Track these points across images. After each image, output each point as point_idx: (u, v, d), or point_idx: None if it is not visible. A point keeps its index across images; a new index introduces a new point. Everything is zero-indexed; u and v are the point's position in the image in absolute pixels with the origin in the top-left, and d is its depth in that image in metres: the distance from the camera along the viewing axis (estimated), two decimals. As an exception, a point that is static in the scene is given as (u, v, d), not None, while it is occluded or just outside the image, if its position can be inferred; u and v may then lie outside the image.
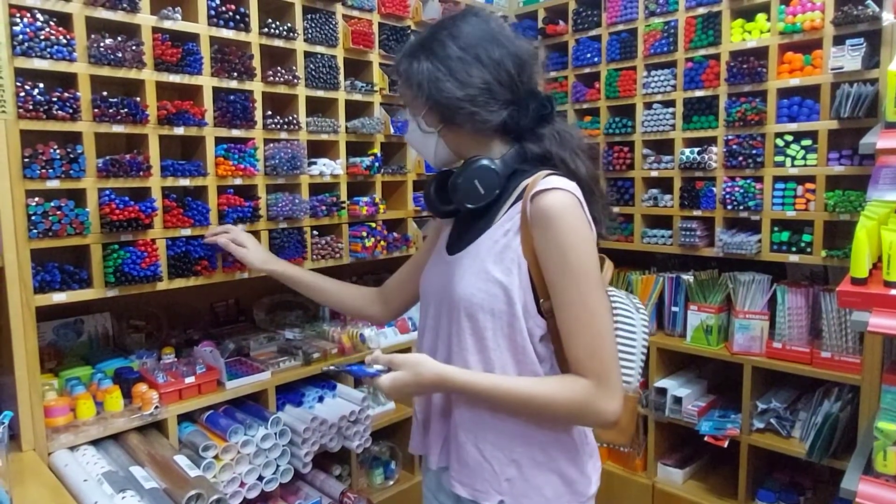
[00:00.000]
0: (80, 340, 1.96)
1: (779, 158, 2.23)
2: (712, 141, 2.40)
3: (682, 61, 2.45)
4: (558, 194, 1.03)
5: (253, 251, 1.67)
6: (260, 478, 1.82)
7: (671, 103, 2.50)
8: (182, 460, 1.58)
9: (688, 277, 2.53)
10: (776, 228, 2.27)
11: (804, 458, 2.15)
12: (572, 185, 1.06)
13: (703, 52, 2.39)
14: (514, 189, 1.11)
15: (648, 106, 2.57)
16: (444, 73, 1.10)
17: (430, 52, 1.12)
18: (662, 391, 2.52)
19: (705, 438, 2.36)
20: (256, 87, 1.91)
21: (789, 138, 2.21)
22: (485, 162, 1.10)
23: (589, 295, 1.02)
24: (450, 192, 1.14)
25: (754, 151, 2.26)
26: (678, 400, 2.48)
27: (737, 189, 2.31)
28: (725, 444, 2.32)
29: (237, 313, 2.39)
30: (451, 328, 1.13)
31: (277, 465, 1.86)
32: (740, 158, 2.29)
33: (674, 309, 2.59)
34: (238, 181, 1.88)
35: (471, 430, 1.11)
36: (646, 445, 2.62)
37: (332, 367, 1.75)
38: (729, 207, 2.33)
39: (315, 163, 2.10)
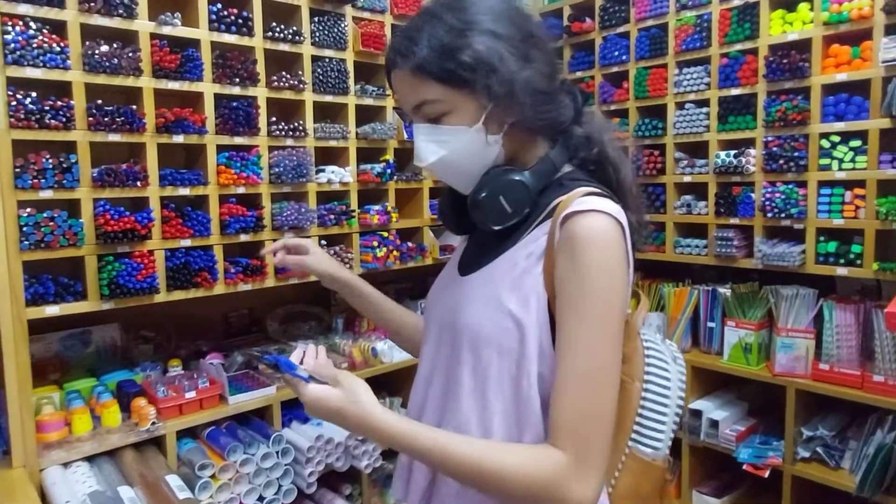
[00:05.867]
0: (87, 351, 1.94)
1: (824, 161, 2.09)
2: (750, 143, 2.28)
3: (716, 57, 2.33)
4: (595, 218, 0.82)
5: (317, 256, 1.21)
6: (261, 498, 1.76)
7: (705, 103, 2.39)
8: (174, 480, 1.53)
9: (725, 291, 2.38)
10: (822, 238, 2.13)
11: (854, 493, 1.97)
12: (616, 209, 0.85)
13: (739, 46, 2.27)
14: (546, 205, 0.91)
15: (680, 106, 2.46)
16: (518, 58, 0.84)
17: (488, 32, 0.83)
18: (697, 413, 2.36)
19: (744, 467, 2.19)
20: (260, 92, 1.86)
21: (836, 139, 2.07)
22: (514, 176, 0.89)
23: (599, 345, 0.81)
24: (469, 210, 0.92)
25: (797, 154, 2.12)
26: (714, 423, 2.32)
27: (777, 195, 2.17)
28: (766, 474, 2.15)
29: (250, 324, 2.35)
30: (449, 362, 0.96)
31: (280, 485, 1.80)
32: (781, 162, 2.16)
33: (710, 325, 2.44)
34: (241, 190, 1.84)
35: (452, 484, 0.96)
36: (680, 471, 2.45)
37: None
38: (769, 215, 2.19)
39: (323, 170, 2.04)
